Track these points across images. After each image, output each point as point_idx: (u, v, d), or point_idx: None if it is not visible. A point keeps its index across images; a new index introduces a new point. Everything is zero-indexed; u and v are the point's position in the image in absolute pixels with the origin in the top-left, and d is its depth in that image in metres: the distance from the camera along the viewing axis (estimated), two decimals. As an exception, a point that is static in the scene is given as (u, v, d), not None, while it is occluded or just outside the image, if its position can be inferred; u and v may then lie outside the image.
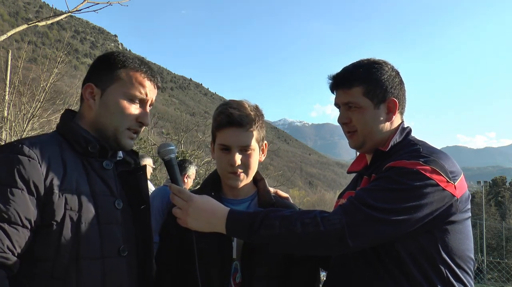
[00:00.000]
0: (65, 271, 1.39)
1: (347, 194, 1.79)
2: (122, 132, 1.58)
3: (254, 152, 1.79)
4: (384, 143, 1.67)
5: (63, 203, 1.40)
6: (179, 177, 1.58)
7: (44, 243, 1.39)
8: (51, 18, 4.95)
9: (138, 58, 1.64)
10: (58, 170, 1.43)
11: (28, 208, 1.35)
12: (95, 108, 1.57)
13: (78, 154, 1.52)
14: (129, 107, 1.56)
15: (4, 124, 14.01)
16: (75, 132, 1.54)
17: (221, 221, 1.48)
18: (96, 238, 1.45)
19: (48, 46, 31.58)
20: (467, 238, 1.56)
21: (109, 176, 1.55)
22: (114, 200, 1.53)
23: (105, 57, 1.62)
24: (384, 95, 1.66)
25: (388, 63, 1.72)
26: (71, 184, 1.44)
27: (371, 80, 1.65)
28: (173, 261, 1.78)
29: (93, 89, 1.57)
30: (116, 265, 1.49)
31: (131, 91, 1.57)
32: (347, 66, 1.73)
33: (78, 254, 1.41)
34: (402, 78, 1.73)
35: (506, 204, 39.13)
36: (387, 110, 1.68)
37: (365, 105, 1.65)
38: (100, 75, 1.58)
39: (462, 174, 1.56)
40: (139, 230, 1.62)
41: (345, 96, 1.69)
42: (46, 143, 1.47)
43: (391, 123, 1.69)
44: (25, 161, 1.37)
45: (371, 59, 1.73)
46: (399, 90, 1.69)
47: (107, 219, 1.49)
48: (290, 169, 72.54)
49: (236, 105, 1.76)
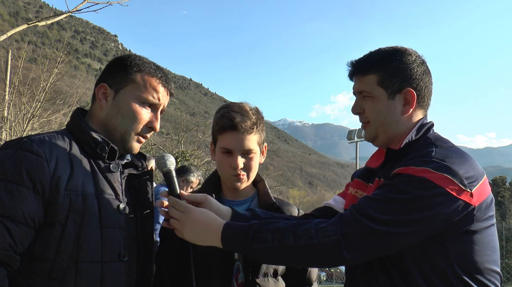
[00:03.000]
0: (63, 273, 1.37)
1: (355, 182, 1.70)
2: (131, 135, 1.56)
3: (256, 155, 1.80)
4: (398, 139, 1.53)
5: (68, 204, 1.39)
6: (176, 188, 1.57)
7: (44, 242, 1.37)
8: (51, 18, 4.95)
9: (154, 63, 1.63)
10: (65, 170, 1.42)
11: (33, 207, 1.34)
12: (107, 109, 1.56)
13: (86, 154, 1.50)
14: (140, 111, 1.55)
15: (4, 124, 14.01)
16: (85, 132, 1.53)
17: (216, 234, 1.44)
18: (97, 241, 1.43)
19: (48, 46, 31.60)
20: (489, 248, 1.40)
21: (115, 179, 1.54)
22: (119, 204, 1.51)
23: (121, 59, 1.61)
24: (401, 85, 1.50)
25: (413, 51, 1.56)
26: (76, 185, 1.42)
27: (388, 68, 1.51)
28: (173, 262, 1.78)
29: (107, 90, 1.56)
30: (115, 269, 1.47)
31: (144, 95, 1.55)
32: (367, 53, 1.60)
33: (78, 256, 1.39)
34: (428, 69, 1.56)
35: (506, 204, 39.23)
36: (404, 102, 1.52)
37: (379, 94, 1.52)
38: (114, 76, 1.57)
39: (483, 177, 1.40)
40: (141, 235, 1.61)
41: (359, 84, 1.56)
42: (55, 141, 1.46)
43: (409, 117, 1.53)
44: (33, 159, 1.36)
45: (394, 46, 1.58)
46: (420, 81, 1.52)
47: (110, 223, 1.47)
48: (290, 169, 72.51)
49: (238, 108, 1.76)
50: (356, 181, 1.70)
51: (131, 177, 1.63)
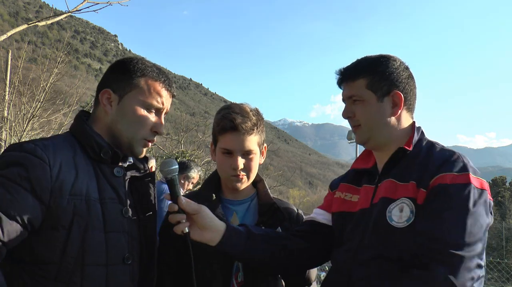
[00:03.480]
0: (69, 276, 1.39)
1: (342, 187, 1.73)
2: (137, 140, 1.58)
3: (256, 156, 1.81)
4: (395, 141, 1.60)
5: (72, 208, 1.40)
6: (179, 195, 1.57)
7: (49, 246, 1.38)
8: (51, 18, 4.96)
9: (156, 66, 1.64)
10: (70, 174, 1.43)
11: (28, 208, 1.35)
12: (112, 114, 1.57)
13: (90, 158, 1.51)
14: (145, 116, 1.57)
15: (4, 124, 14.00)
16: (89, 136, 1.53)
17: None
18: (102, 245, 1.45)
19: (48, 46, 31.57)
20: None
21: (118, 183, 1.54)
22: (122, 208, 1.53)
23: (124, 64, 1.61)
24: (389, 88, 1.58)
25: (397, 58, 1.65)
26: (81, 190, 1.43)
27: (376, 73, 1.59)
28: (173, 262, 1.79)
29: (111, 95, 1.57)
30: (120, 273, 1.49)
31: (148, 100, 1.57)
32: (354, 61, 1.69)
33: (83, 259, 1.41)
34: (411, 73, 1.66)
35: (506, 204, 39.19)
36: (392, 104, 1.59)
37: (368, 98, 1.59)
38: (118, 81, 1.58)
39: None
40: (144, 237, 1.62)
41: (349, 89, 1.63)
42: (59, 145, 1.47)
43: (398, 119, 1.60)
44: (36, 162, 1.37)
45: (380, 54, 1.67)
46: (406, 84, 1.61)
47: (114, 227, 1.49)
48: (290, 169, 72.48)
49: (238, 109, 1.78)
50: (344, 185, 1.73)
51: (133, 179, 1.64)
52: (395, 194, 1.49)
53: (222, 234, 1.58)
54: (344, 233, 1.63)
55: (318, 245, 1.73)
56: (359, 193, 1.66)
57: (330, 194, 1.82)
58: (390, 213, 1.47)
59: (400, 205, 1.47)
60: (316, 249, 1.73)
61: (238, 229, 1.64)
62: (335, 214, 1.71)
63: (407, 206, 1.45)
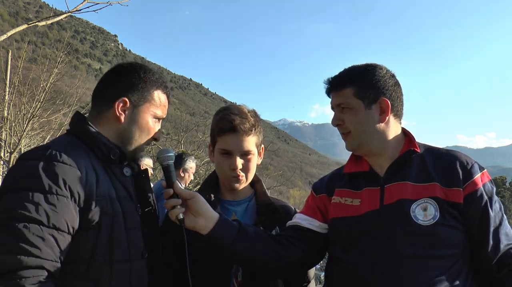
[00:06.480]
0: (99, 273, 1.44)
1: (339, 192, 1.72)
2: (142, 146, 1.68)
3: (254, 157, 1.83)
4: (384, 146, 1.65)
5: (100, 208, 1.46)
6: (175, 181, 1.59)
7: (80, 246, 1.43)
8: (51, 18, 4.96)
9: (160, 75, 1.71)
10: (92, 176, 1.48)
11: (72, 215, 1.39)
12: (125, 122, 1.62)
13: (100, 160, 1.56)
14: (154, 127, 1.68)
15: (4, 124, 14.02)
16: (96, 138, 1.57)
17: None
18: (125, 242, 1.52)
19: (48, 46, 31.61)
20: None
21: (128, 182, 1.61)
22: (135, 205, 1.60)
23: (138, 73, 1.65)
24: (376, 96, 1.63)
25: (383, 66, 1.70)
26: (104, 191, 1.49)
27: (363, 81, 1.64)
28: (174, 259, 1.79)
29: (127, 105, 1.61)
30: (140, 267, 1.57)
31: (157, 112, 1.68)
32: (342, 70, 1.73)
33: (111, 257, 1.47)
34: (398, 81, 1.71)
35: (506, 204, 39.18)
36: (380, 111, 1.64)
37: (356, 105, 1.63)
38: (134, 91, 1.63)
39: None
40: (147, 233, 1.65)
41: (337, 98, 1.68)
42: (75, 150, 1.50)
43: (386, 125, 1.65)
44: (67, 169, 1.41)
45: (366, 63, 1.72)
46: (393, 91, 1.66)
47: (132, 224, 1.56)
48: (290, 169, 72.50)
49: (237, 111, 1.80)
50: (342, 191, 1.72)
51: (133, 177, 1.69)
52: (415, 194, 1.56)
53: (215, 222, 1.59)
54: (351, 236, 1.62)
55: (303, 249, 1.71)
56: (359, 196, 1.65)
57: (316, 199, 1.80)
58: (414, 212, 1.53)
59: (423, 204, 1.54)
60: (301, 253, 1.71)
61: (231, 222, 1.65)
62: (336, 219, 1.69)
63: (431, 205, 1.53)
